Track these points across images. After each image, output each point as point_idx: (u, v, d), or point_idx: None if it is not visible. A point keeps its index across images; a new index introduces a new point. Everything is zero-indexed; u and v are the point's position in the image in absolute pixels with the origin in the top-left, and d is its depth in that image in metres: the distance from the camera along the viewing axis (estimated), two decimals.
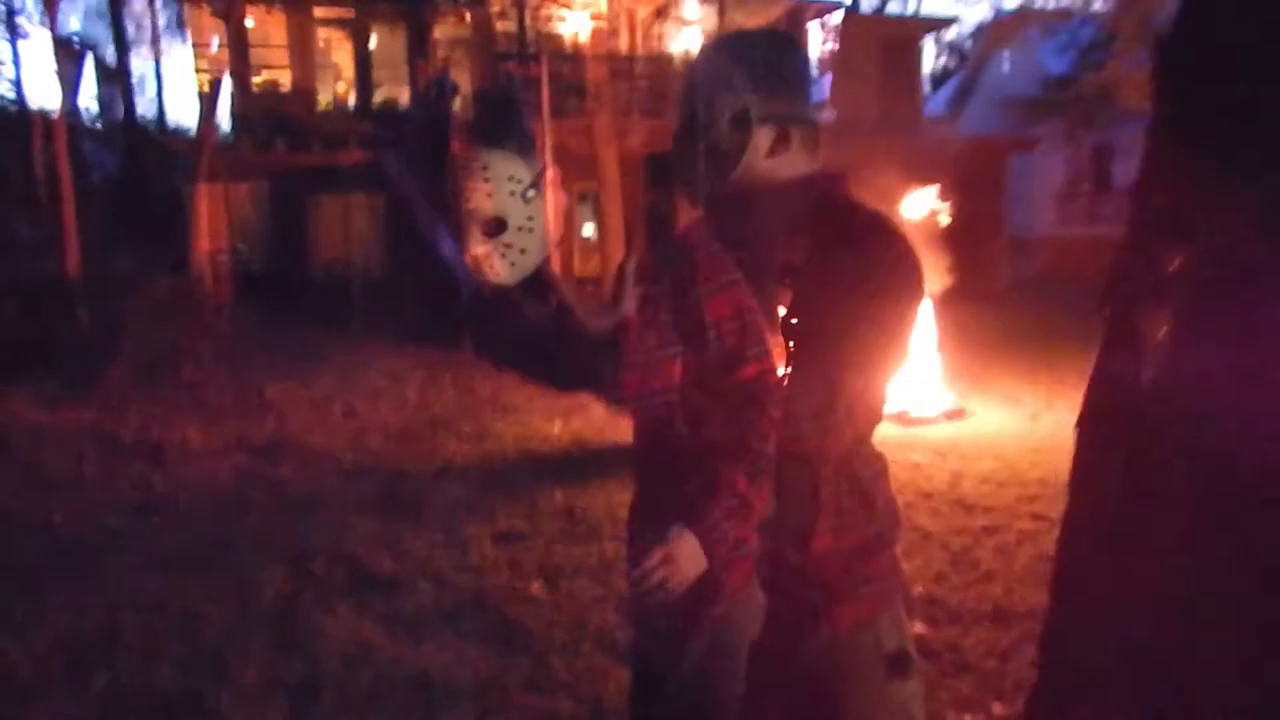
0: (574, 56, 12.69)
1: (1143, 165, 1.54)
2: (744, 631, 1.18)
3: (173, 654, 2.88)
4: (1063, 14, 18.90)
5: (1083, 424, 1.56)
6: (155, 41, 17.98)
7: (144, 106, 18.64)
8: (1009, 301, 13.37)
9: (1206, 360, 1.38)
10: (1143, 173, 1.53)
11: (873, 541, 1.14)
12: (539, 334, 1.24)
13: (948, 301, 6.95)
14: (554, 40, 13.19)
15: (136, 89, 17.98)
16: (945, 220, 6.72)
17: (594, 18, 10.40)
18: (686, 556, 1.15)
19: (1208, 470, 1.35)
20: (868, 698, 1.11)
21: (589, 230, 14.83)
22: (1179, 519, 1.39)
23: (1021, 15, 20.14)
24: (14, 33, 12.63)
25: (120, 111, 17.62)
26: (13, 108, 12.45)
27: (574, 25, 12.28)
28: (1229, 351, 1.35)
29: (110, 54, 18.02)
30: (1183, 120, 1.46)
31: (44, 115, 10.83)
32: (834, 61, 14.69)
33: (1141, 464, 1.44)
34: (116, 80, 17.67)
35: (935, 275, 6.68)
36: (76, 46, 18.39)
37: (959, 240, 7.21)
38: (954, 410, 6.67)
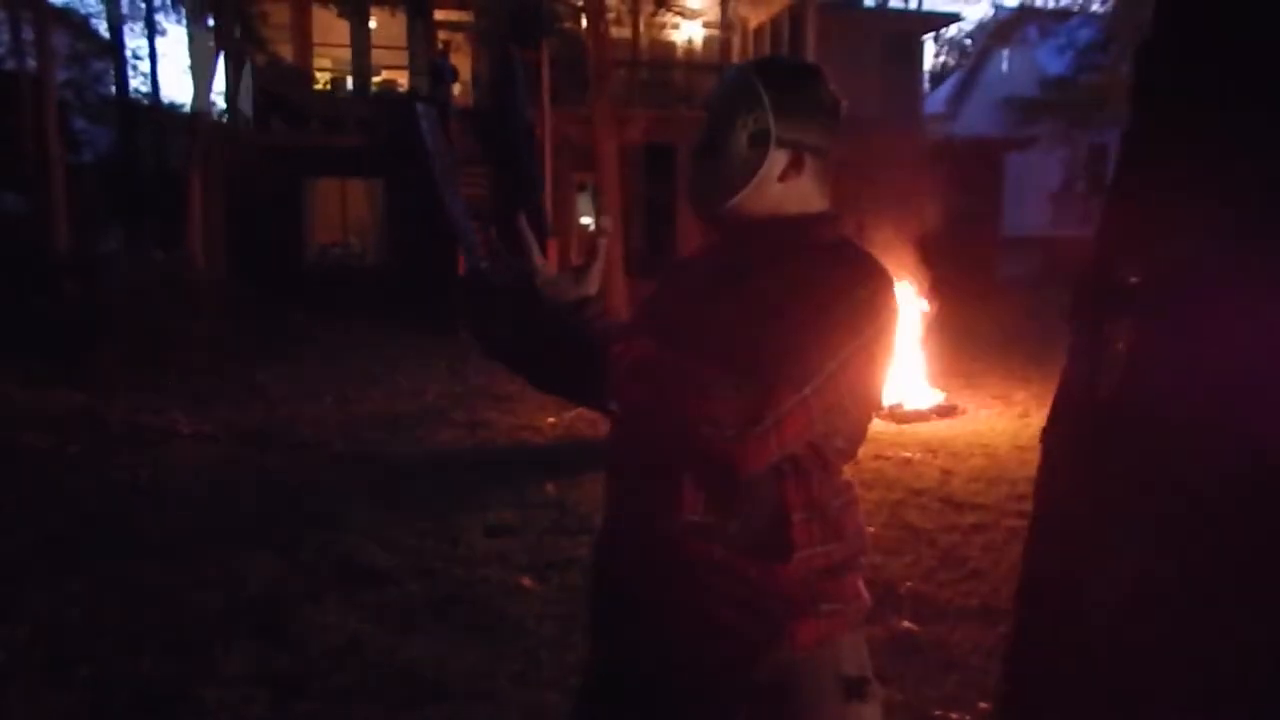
0: (577, 43, 12.60)
1: (1112, 181, 1.54)
2: (802, 707, 1.10)
3: (156, 644, 2.85)
4: (1062, 14, 18.89)
5: (1048, 434, 1.56)
6: (150, 16, 17.79)
7: (137, 82, 18.46)
8: (1003, 300, 13.40)
9: (1163, 370, 1.38)
10: (1111, 188, 1.53)
11: (838, 566, 1.14)
12: (528, 326, 1.20)
13: (942, 299, 6.96)
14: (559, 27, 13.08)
15: (130, 64, 17.81)
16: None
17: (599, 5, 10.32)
18: None
19: (1164, 480, 1.35)
20: (821, 717, 1.11)
21: (587, 220, 14.78)
22: (1137, 529, 1.39)
23: (1021, 14, 20.16)
24: (11, 3, 12.43)
25: (113, 87, 17.45)
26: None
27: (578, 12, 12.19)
28: (1184, 362, 1.35)
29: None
30: (1150, 133, 1.46)
31: (36, 82, 10.64)
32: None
33: (1102, 475, 1.44)
34: (110, 55, 17.49)
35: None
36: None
37: (955, 238, 7.23)
38: (945, 407, 6.69)
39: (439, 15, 14.60)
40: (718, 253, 1.23)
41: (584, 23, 11.54)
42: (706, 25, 16.08)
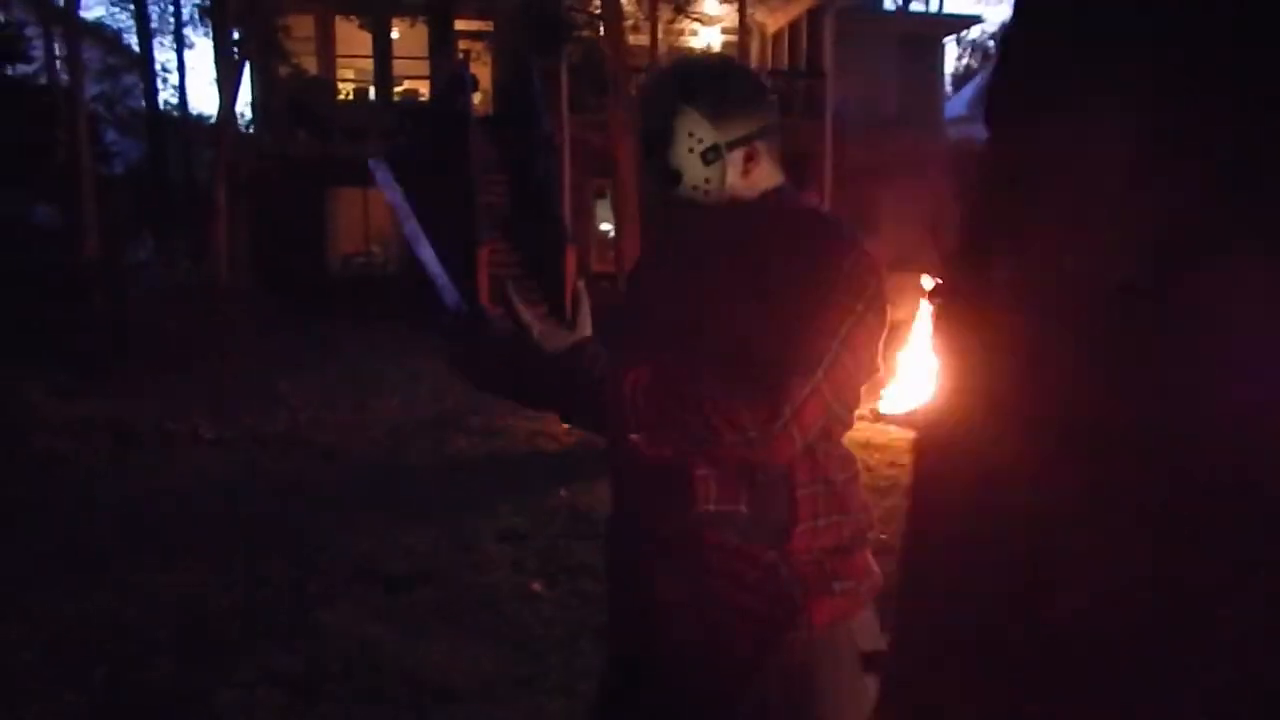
0: (595, 50, 12.66)
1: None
2: (822, 685, 1.12)
3: (173, 647, 2.90)
4: None
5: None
6: (178, 30, 18.14)
7: (166, 94, 18.83)
8: None
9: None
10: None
11: (847, 542, 1.16)
12: (509, 356, 1.24)
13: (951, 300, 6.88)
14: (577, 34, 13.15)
15: (159, 77, 18.17)
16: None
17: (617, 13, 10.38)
18: None
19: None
20: (840, 693, 1.13)
21: (607, 227, 14.83)
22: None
23: None
24: (44, 19, 12.76)
25: (143, 100, 17.81)
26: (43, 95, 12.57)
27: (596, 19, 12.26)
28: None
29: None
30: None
31: (68, 95, 10.89)
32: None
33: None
34: (140, 68, 17.85)
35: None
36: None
37: None
38: None
39: (459, 25, 14.74)
40: (689, 247, 1.24)
41: (602, 30, 11.61)
42: (725, 31, 16.08)
